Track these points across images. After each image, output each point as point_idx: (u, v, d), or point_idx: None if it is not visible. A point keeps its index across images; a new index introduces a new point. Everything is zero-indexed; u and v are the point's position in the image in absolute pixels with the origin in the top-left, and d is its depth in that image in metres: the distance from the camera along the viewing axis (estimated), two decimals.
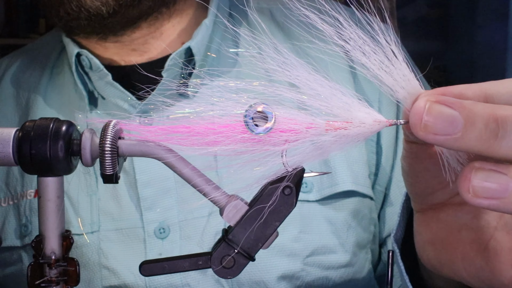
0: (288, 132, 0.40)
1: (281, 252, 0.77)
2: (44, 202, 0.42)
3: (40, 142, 0.40)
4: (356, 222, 0.81)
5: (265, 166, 0.40)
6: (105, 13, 0.77)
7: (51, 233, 0.42)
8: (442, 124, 0.37)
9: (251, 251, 0.42)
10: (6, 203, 0.84)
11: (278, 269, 0.76)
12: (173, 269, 0.43)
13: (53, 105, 0.86)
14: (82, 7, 0.77)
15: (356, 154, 0.82)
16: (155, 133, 0.41)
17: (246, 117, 0.40)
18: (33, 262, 0.42)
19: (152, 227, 0.77)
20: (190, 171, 0.42)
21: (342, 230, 0.79)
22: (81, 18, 0.78)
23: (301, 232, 0.77)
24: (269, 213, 0.41)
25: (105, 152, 0.40)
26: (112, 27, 0.80)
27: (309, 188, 0.79)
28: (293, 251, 0.77)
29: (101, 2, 0.77)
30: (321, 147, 0.40)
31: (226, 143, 0.40)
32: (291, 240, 0.77)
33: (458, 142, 0.37)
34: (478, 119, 0.37)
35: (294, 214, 0.77)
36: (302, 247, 0.77)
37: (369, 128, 0.40)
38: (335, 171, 0.80)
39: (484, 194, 0.37)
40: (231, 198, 0.42)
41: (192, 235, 0.77)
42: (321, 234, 0.78)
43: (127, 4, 0.78)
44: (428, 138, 0.38)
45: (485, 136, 0.37)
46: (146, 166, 0.79)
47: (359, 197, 0.82)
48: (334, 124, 0.40)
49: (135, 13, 0.79)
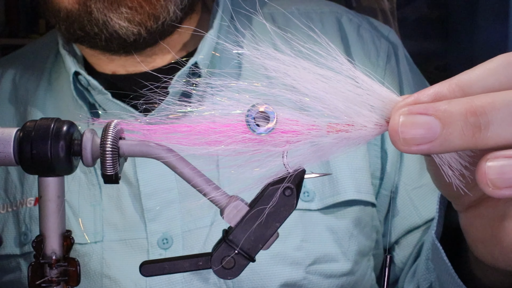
0: (289, 133, 0.40)
1: (284, 261, 0.77)
2: (45, 202, 0.42)
3: (41, 142, 0.40)
4: (358, 230, 0.80)
5: (266, 166, 0.40)
6: (131, 39, 0.76)
7: (52, 233, 0.42)
8: (419, 133, 0.37)
9: (251, 252, 0.42)
10: (5, 210, 0.83)
11: (280, 278, 0.76)
12: (173, 269, 0.43)
13: (51, 112, 0.85)
14: (106, 30, 0.74)
15: (359, 161, 0.81)
16: (156, 133, 0.41)
17: (248, 116, 0.40)
18: (33, 262, 0.42)
19: (156, 238, 0.77)
20: (190, 171, 0.42)
21: (344, 239, 0.79)
22: (101, 38, 0.76)
23: (303, 241, 0.77)
24: (269, 214, 0.41)
25: (106, 152, 0.40)
26: (132, 49, 0.78)
27: (311, 197, 0.79)
28: (296, 259, 0.77)
29: (132, 32, 0.74)
30: (322, 148, 0.40)
31: (227, 143, 0.40)
32: (294, 248, 0.77)
33: (444, 146, 0.37)
34: (455, 116, 0.36)
35: (296, 223, 0.77)
36: (305, 256, 0.77)
37: (371, 131, 0.40)
38: (338, 180, 0.80)
39: (504, 184, 0.37)
40: (231, 198, 0.42)
41: (194, 245, 0.77)
42: (323, 242, 0.78)
43: (156, 31, 0.76)
44: (412, 150, 0.37)
45: (468, 132, 0.36)
46: (150, 178, 0.79)
47: (361, 205, 0.81)
48: (335, 126, 0.40)
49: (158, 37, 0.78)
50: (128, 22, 0.74)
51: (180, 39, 0.83)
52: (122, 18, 0.74)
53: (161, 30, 0.77)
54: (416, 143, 0.37)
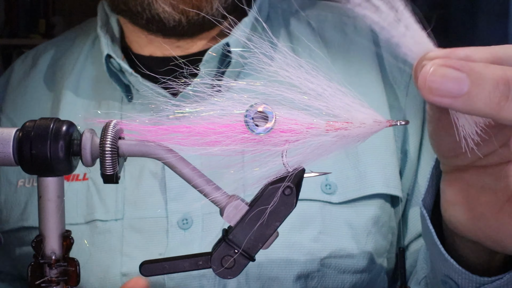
0: (288, 132, 0.40)
1: (300, 251, 0.77)
2: (45, 202, 0.42)
3: (40, 142, 0.40)
4: (376, 228, 0.80)
5: (265, 166, 0.40)
6: (171, 25, 0.77)
7: (51, 233, 0.42)
8: (447, 86, 0.37)
9: (251, 251, 0.42)
10: (30, 184, 0.85)
11: (295, 267, 0.76)
12: (173, 269, 0.43)
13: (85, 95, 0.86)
14: (149, 11, 0.76)
15: (389, 157, 0.82)
16: (155, 133, 0.41)
17: (247, 117, 0.40)
18: (33, 262, 0.42)
19: (176, 218, 0.78)
20: (190, 171, 0.42)
21: (361, 235, 0.79)
22: (142, 17, 0.77)
23: (320, 233, 0.77)
24: (269, 214, 0.41)
25: (105, 152, 0.41)
26: (171, 34, 0.79)
27: (332, 190, 0.79)
28: (311, 250, 0.77)
29: (173, 18, 0.76)
30: (321, 147, 0.40)
31: (226, 143, 0.40)
32: (310, 239, 0.77)
33: (465, 105, 0.37)
34: (486, 80, 0.37)
35: (315, 214, 0.77)
36: (321, 248, 0.77)
37: (370, 128, 0.40)
38: (365, 174, 0.80)
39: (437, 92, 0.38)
40: (231, 198, 0.42)
41: (213, 228, 0.77)
42: (340, 237, 0.78)
43: (196, 23, 0.77)
44: (434, 100, 0.38)
45: (495, 98, 0.37)
46: None
47: (383, 200, 0.81)
48: (334, 125, 0.40)
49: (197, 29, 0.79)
50: (172, 8, 0.76)
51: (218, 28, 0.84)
52: (167, 3, 0.76)
53: (201, 23, 0.79)
54: (440, 94, 0.37)
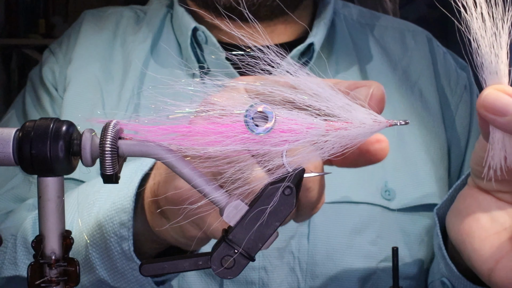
0: (288, 133, 0.40)
1: (359, 253, 0.78)
2: (44, 202, 0.42)
3: (40, 142, 0.40)
4: (428, 238, 0.81)
5: (265, 166, 0.40)
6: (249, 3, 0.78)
7: (51, 233, 0.42)
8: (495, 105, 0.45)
9: (251, 251, 0.42)
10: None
11: (354, 268, 0.77)
12: (173, 269, 0.43)
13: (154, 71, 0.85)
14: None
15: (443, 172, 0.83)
16: (155, 133, 0.41)
17: (247, 117, 0.40)
18: (33, 262, 0.42)
19: None
20: (190, 171, 0.42)
21: (414, 243, 0.80)
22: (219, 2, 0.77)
23: (378, 237, 0.79)
24: (269, 214, 0.41)
25: (105, 152, 0.40)
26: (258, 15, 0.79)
27: (391, 196, 0.80)
28: (369, 253, 0.78)
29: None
30: (321, 147, 0.40)
31: (226, 143, 0.40)
32: (369, 242, 0.79)
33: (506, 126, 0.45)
34: None
35: (375, 218, 0.79)
36: (378, 251, 0.79)
37: (369, 128, 0.40)
38: (423, 184, 0.81)
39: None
40: (231, 198, 0.42)
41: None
42: (395, 242, 0.79)
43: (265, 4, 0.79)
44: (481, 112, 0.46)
45: None
46: None
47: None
48: (334, 125, 0.40)
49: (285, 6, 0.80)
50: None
51: (295, 21, 0.85)
52: None
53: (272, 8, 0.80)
54: (488, 110, 0.46)
